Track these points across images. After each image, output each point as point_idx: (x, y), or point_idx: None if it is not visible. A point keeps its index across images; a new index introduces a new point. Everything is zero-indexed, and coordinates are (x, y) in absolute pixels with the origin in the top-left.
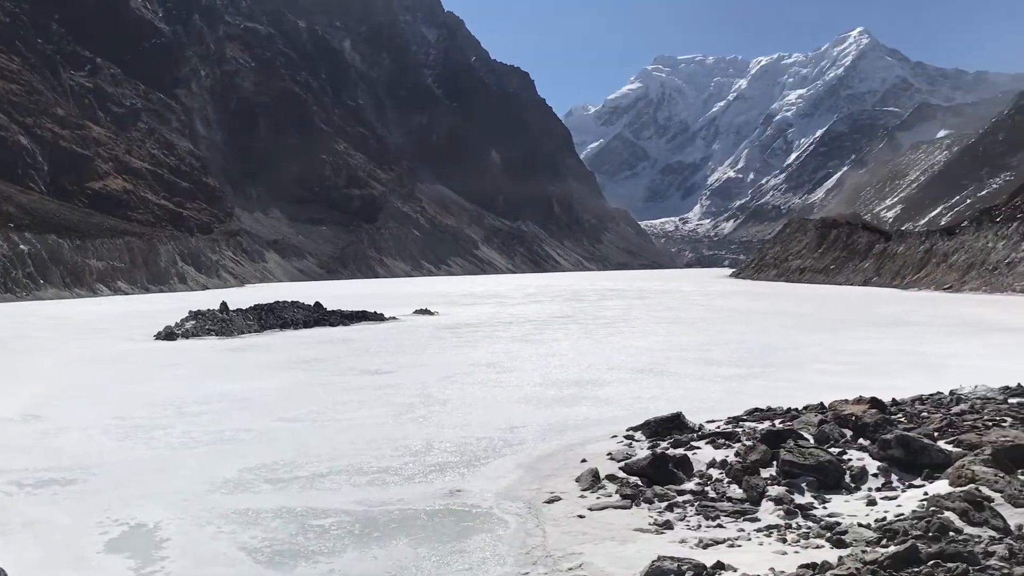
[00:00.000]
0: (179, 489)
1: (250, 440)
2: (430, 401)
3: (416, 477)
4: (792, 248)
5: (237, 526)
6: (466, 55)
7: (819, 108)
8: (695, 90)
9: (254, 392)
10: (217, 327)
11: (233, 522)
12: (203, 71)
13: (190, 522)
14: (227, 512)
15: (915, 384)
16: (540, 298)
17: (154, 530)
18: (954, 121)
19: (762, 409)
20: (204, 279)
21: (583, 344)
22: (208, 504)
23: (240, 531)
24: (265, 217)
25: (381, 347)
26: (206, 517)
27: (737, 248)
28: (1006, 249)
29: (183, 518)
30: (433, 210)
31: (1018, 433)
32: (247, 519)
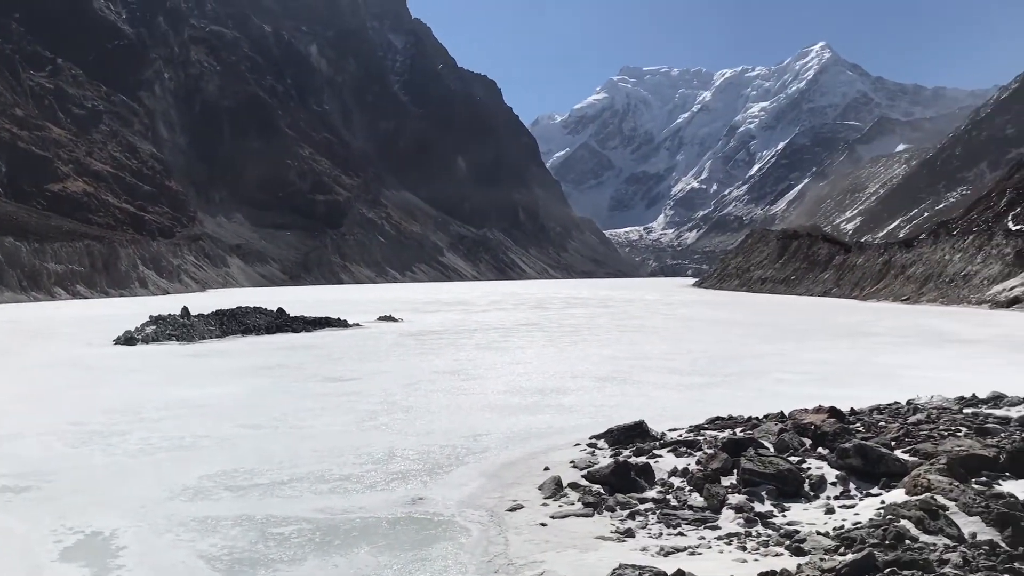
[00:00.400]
0: (137, 496)
1: (210, 447)
2: (393, 408)
3: (378, 485)
4: (754, 258)
5: (196, 534)
6: (433, 62)
7: (781, 121)
8: (660, 101)
9: (215, 398)
10: (178, 332)
11: (192, 530)
12: (167, 74)
13: (148, 530)
14: (186, 520)
15: (873, 394)
16: (505, 305)
17: (111, 538)
18: (913, 136)
19: (723, 418)
20: (165, 284)
21: (547, 352)
22: (166, 511)
23: (199, 539)
24: (228, 222)
25: (344, 354)
26: (164, 525)
27: (700, 258)
28: (962, 262)
29: (140, 526)
30: (398, 216)
31: (972, 443)
32: (206, 527)
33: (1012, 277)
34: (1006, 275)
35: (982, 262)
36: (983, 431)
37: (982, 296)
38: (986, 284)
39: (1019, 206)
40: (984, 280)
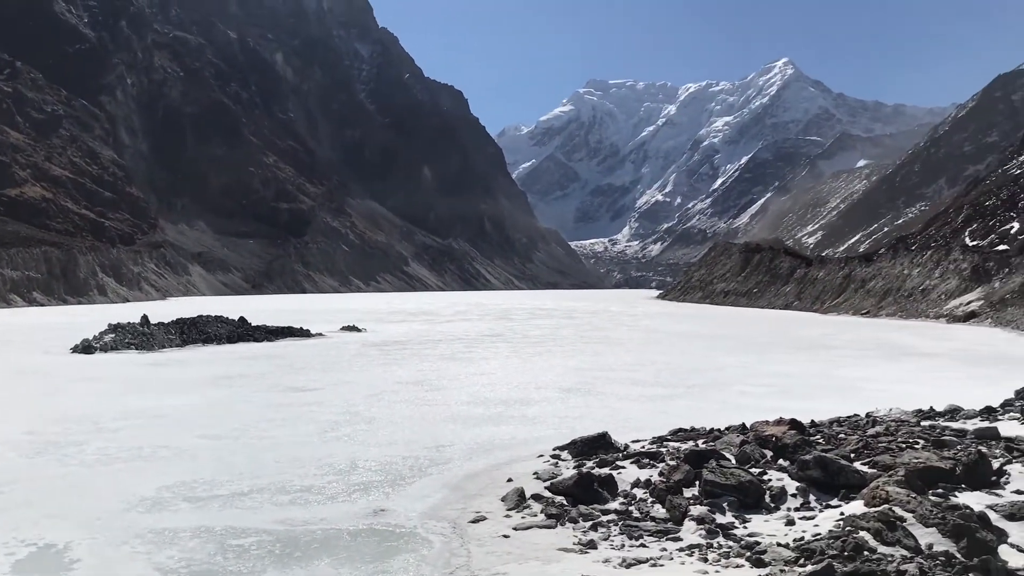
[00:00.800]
0: (92, 508)
1: (169, 457)
2: (356, 419)
3: (340, 496)
4: (717, 271)
5: (153, 546)
6: (400, 72)
7: (745, 135)
8: (625, 114)
9: (174, 408)
10: (137, 341)
11: (149, 542)
12: (129, 79)
13: (103, 542)
14: (143, 531)
15: (833, 406)
16: (470, 316)
17: (64, 551)
18: (873, 151)
19: (686, 429)
20: (125, 291)
21: (512, 363)
22: (123, 523)
23: (156, 551)
24: (190, 229)
25: (306, 364)
26: (120, 537)
27: (664, 270)
28: (920, 276)
29: (96, 538)
30: (363, 226)
31: (929, 455)
32: (164, 539)
33: (968, 292)
34: (963, 290)
35: (940, 277)
36: (940, 444)
37: (939, 310)
38: (943, 299)
39: (976, 222)
40: (942, 295)
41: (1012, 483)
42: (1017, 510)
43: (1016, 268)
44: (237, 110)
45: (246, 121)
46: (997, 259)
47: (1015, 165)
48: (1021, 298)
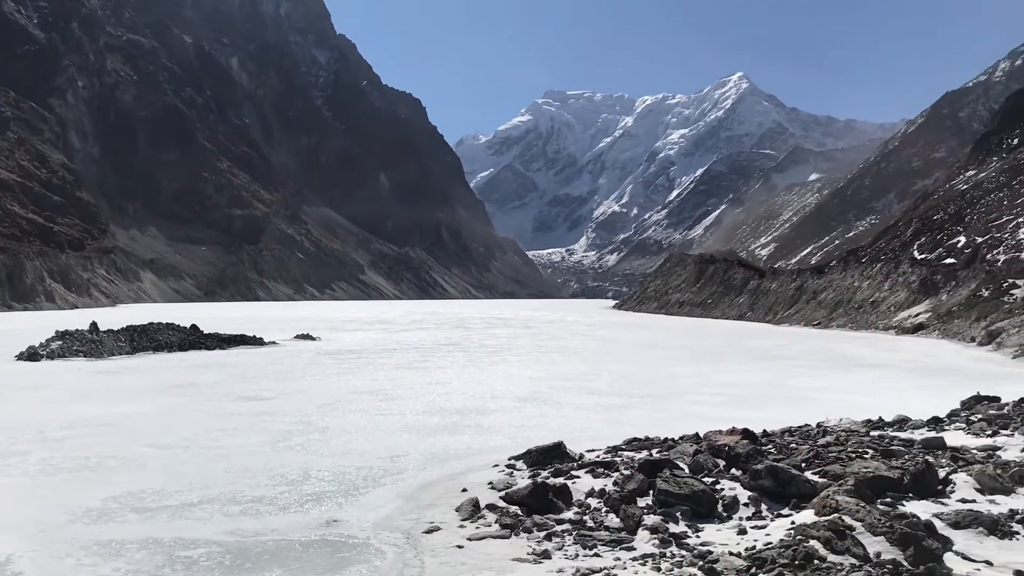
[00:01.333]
0: (36, 519)
1: (117, 467)
2: (309, 429)
3: (292, 507)
4: (672, 282)
5: (98, 558)
6: (357, 79)
7: (700, 148)
8: (583, 125)
9: (123, 417)
10: (86, 348)
11: (94, 554)
12: (81, 81)
13: (47, 554)
14: (88, 543)
15: (785, 416)
16: (426, 325)
17: (6, 564)
18: (825, 165)
19: (640, 439)
20: (74, 298)
21: (468, 372)
22: (68, 535)
23: (101, 563)
24: (142, 235)
25: (259, 372)
26: (65, 549)
27: (620, 280)
28: (870, 288)
29: (39, 550)
30: (319, 233)
31: (878, 465)
32: (110, 550)
33: (917, 304)
34: (911, 302)
35: (889, 289)
36: (888, 453)
37: (889, 322)
38: (893, 311)
39: (924, 236)
40: (891, 307)
41: (957, 492)
42: (962, 518)
43: (963, 281)
44: (191, 115)
45: (200, 126)
46: (944, 272)
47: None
48: (967, 310)
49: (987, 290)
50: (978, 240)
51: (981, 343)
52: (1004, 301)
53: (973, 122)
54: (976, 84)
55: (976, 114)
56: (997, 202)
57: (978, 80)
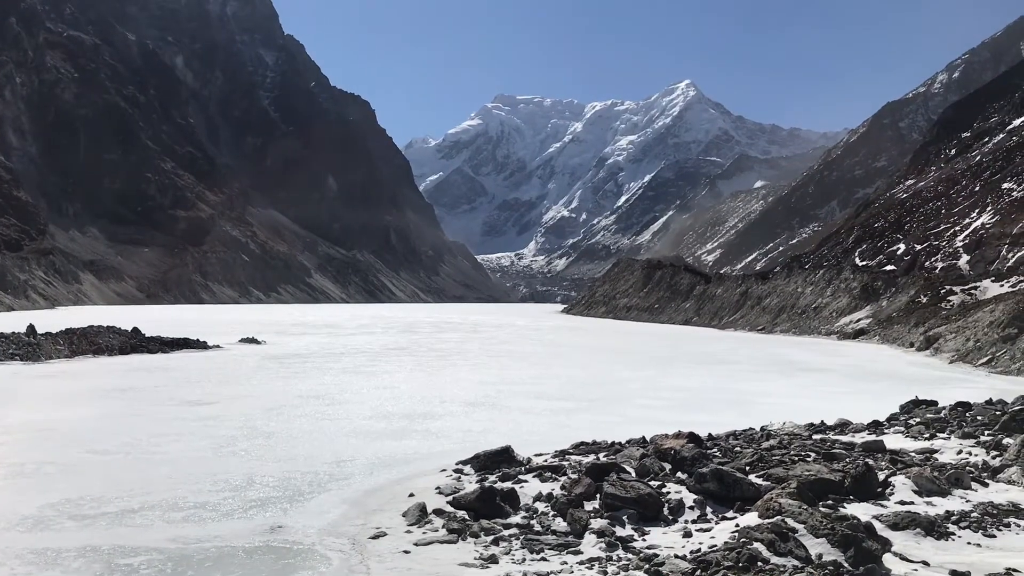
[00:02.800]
0: None
1: (54, 473)
2: (253, 434)
3: (235, 513)
4: (620, 287)
5: (34, 567)
6: (305, 80)
7: (648, 154)
8: (533, 130)
9: (61, 422)
10: (22, 352)
11: (29, 563)
12: (19, 78)
13: None
14: (22, 552)
15: (730, 420)
16: (374, 329)
17: None
18: (770, 173)
19: (588, 443)
20: (10, 300)
21: (416, 376)
22: (1, 543)
23: (36, 572)
24: (82, 236)
25: (203, 376)
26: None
27: (569, 285)
28: (813, 294)
29: None
30: (264, 235)
31: (820, 468)
32: (46, 559)
33: (858, 310)
34: (853, 308)
35: (831, 295)
36: (830, 456)
37: (831, 327)
38: (835, 316)
39: (865, 243)
40: (833, 312)
41: (896, 494)
42: (900, 520)
43: (902, 288)
44: (134, 114)
45: (143, 125)
46: (885, 279)
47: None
48: (907, 316)
49: (925, 296)
50: (917, 248)
51: (919, 348)
52: (942, 307)
53: (913, 132)
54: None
55: (916, 124)
56: (935, 211)
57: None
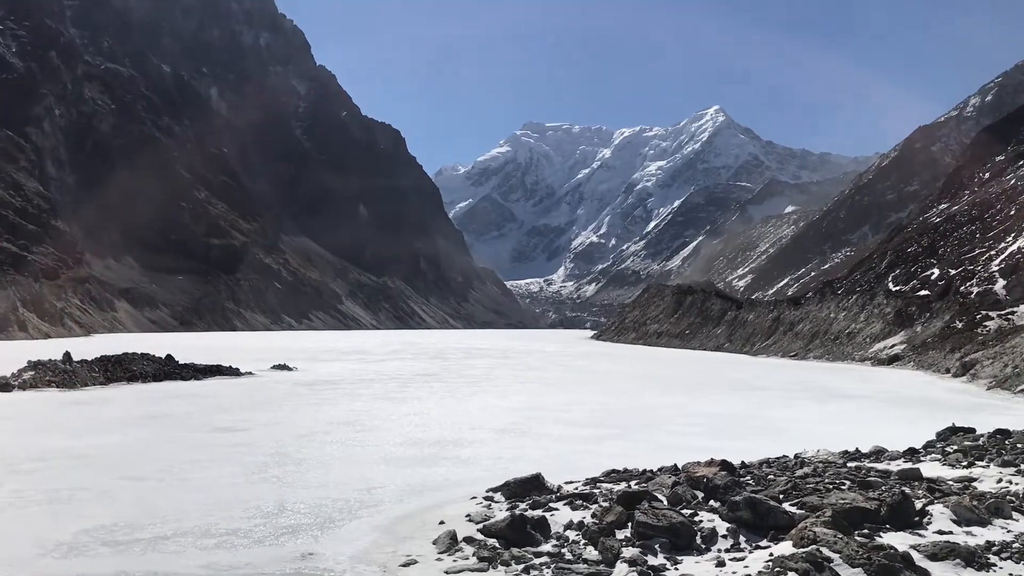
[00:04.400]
0: (6, 554)
1: (89, 500)
2: (285, 460)
3: (267, 540)
4: (650, 312)
5: None
6: (336, 109)
7: (677, 180)
8: (561, 156)
9: (96, 448)
10: (58, 378)
11: None
12: (57, 110)
13: None
14: None
15: (762, 447)
16: (404, 355)
17: None
18: (800, 198)
19: (619, 470)
20: (47, 327)
21: (446, 403)
22: (37, 570)
23: None
24: (117, 264)
25: (235, 403)
26: None
27: (599, 310)
28: (846, 320)
29: None
30: (296, 263)
31: (855, 496)
32: None
33: (892, 336)
34: (887, 334)
35: (865, 321)
36: (866, 484)
37: (865, 353)
38: (868, 342)
39: (899, 268)
40: (867, 338)
41: (934, 523)
42: (939, 550)
43: (937, 313)
44: (169, 144)
45: (178, 155)
46: (919, 304)
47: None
48: (942, 342)
49: (961, 322)
50: (951, 272)
51: (956, 374)
52: (978, 333)
53: (945, 156)
54: (948, 119)
55: (948, 148)
56: (969, 235)
57: (950, 115)
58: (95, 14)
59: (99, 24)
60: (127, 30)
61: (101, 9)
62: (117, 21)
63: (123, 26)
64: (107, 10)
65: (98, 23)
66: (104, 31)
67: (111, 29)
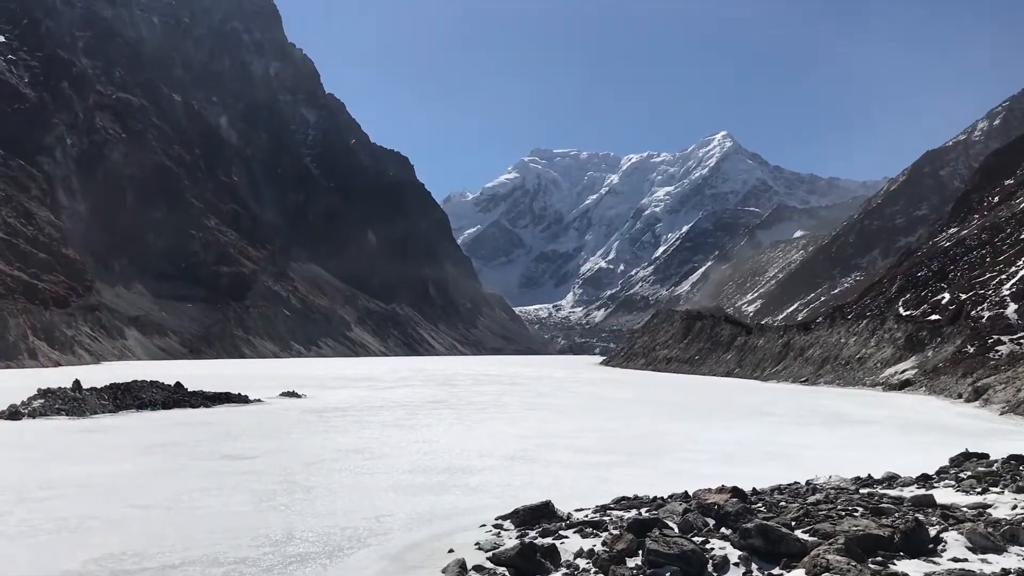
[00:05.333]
0: None
1: (97, 528)
2: (293, 488)
3: (275, 568)
4: (659, 338)
5: None
6: (345, 137)
7: (685, 205)
8: (569, 182)
9: (104, 476)
10: (68, 406)
11: None
12: (69, 139)
13: None
14: None
15: (774, 473)
16: (413, 382)
17: None
18: (809, 223)
19: (629, 497)
20: (57, 355)
21: (455, 430)
22: None
23: None
24: (127, 292)
25: (243, 431)
26: None
27: (608, 336)
28: (857, 345)
29: None
30: (305, 290)
31: (868, 523)
32: None
33: (903, 361)
34: (898, 359)
35: (875, 346)
36: (878, 511)
37: (876, 379)
38: (879, 367)
39: (909, 293)
40: (878, 363)
41: (949, 551)
42: None
43: (948, 337)
44: (179, 172)
45: (188, 184)
46: (930, 328)
47: (944, 237)
48: (954, 367)
49: (972, 346)
50: (962, 297)
51: (968, 399)
52: (990, 357)
53: (954, 180)
54: (956, 143)
55: (957, 172)
56: (980, 259)
57: (958, 139)
58: (107, 44)
59: (111, 54)
60: (138, 60)
61: (113, 39)
62: (129, 51)
63: (134, 56)
64: (119, 40)
65: (110, 53)
66: (116, 61)
67: (123, 59)
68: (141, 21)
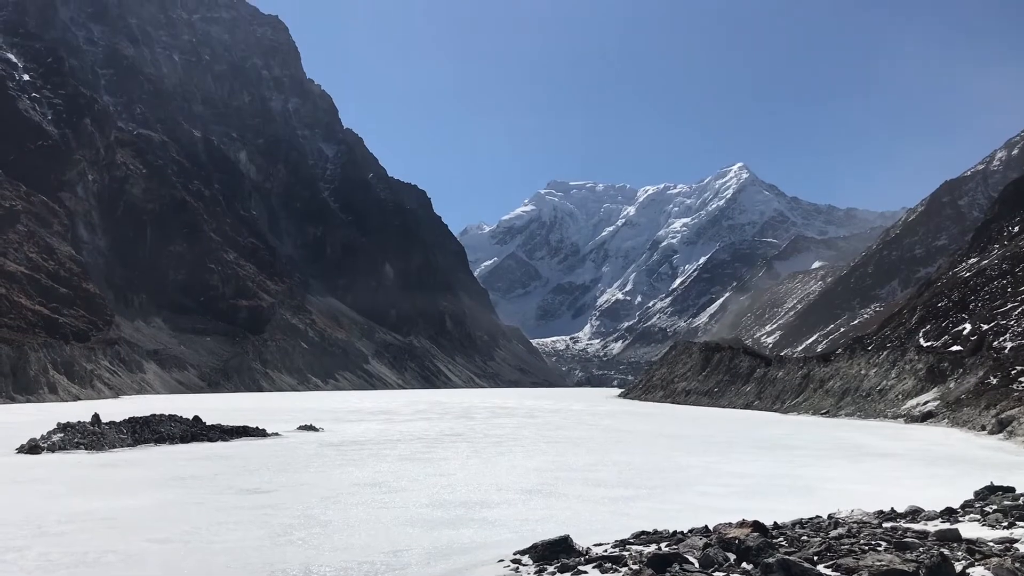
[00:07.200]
0: None
1: (115, 562)
2: (311, 523)
3: None
4: (678, 370)
5: None
6: (363, 171)
7: (702, 236)
8: (586, 215)
9: (123, 510)
10: (87, 440)
11: None
12: (91, 175)
13: None
14: None
15: (795, 507)
16: (430, 415)
17: None
18: (827, 254)
19: (648, 532)
20: (77, 389)
21: (472, 463)
22: None
23: None
24: (147, 326)
25: (261, 464)
26: None
27: (626, 368)
28: (877, 376)
29: None
30: (323, 323)
31: (892, 557)
32: None
33: (925, 392)
34: (919, 390)
35: (896, 377)
36: (902, 545)
37: (897, 410)
38: (900, 399)
39: (929, 323)
40: (899, 395)
41: None
42: None
43: (970, 368)
44: (199, 207)
45: (207, 218)
46: (951, 359)
47: (964, 268)
48: (976, 398)
49: (995, 378)
50: (984, 327)
51: (992, 432)
52: (1013, 389)
53: (973, 210)
54: (974, 172)
55: (976, 202)
56: (1001, 289)
57: (976, 169)
58: (128, 82)
59: (132, 91)
60: (159, 97)
61: (134, 77)
62: (150, 88)
63: (155, 93)
64: (140, 78)
65: (131, 90)
66: (137, 98)
67: (144, 96)
68: (162, 58)
